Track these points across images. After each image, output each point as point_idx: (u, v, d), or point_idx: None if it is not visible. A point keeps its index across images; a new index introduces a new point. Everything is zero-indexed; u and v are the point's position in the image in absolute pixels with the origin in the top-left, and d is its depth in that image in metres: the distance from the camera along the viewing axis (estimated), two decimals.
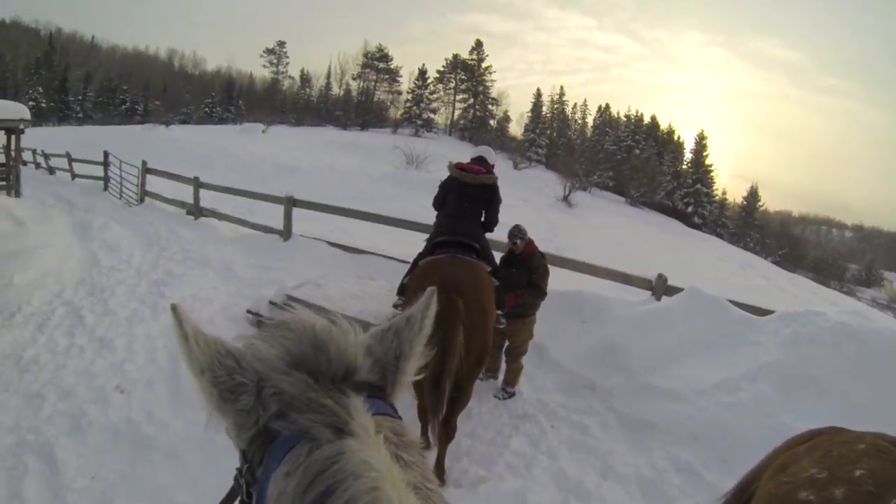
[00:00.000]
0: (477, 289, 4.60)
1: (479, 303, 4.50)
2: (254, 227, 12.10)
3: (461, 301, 4.22)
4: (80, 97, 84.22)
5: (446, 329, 4.09)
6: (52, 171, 24.68)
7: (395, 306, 5.89)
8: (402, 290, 5.75)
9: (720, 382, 5.17)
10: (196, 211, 13.58)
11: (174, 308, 0.98)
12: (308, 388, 0.86)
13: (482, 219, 5.71)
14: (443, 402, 4.12)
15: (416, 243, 6.75)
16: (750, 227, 68.18)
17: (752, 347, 5.51)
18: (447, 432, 4.41)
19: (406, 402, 5.49)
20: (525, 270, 5.97)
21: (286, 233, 11.07)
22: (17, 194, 14.83)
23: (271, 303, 6.89)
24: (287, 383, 0.87)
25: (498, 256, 5.88)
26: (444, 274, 4.58)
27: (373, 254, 9.80)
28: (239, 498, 0.94)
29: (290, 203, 11.00)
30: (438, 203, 5.84)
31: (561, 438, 5.16)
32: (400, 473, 0.77)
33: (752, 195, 71.33)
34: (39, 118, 65.05)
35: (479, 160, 5.88)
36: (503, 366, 6.17)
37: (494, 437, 5.14)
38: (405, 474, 0.79)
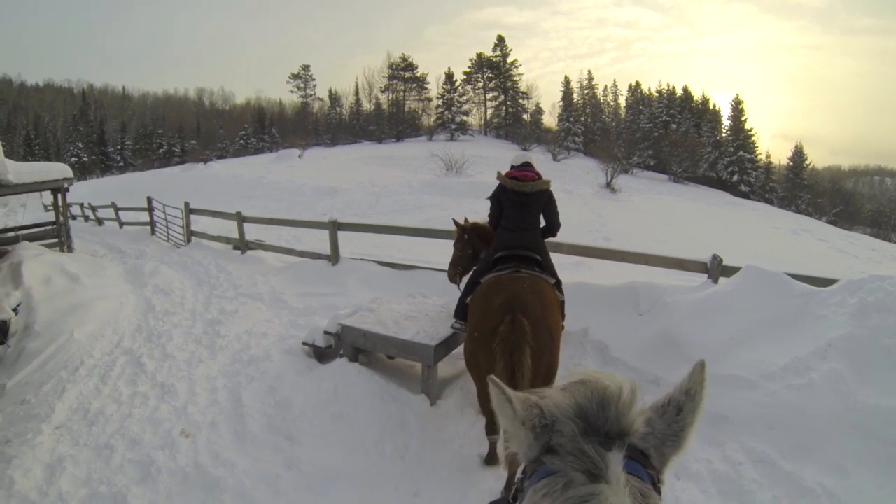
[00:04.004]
0: (543, 307, 4.45)
1: (545, 321, 4.33)
2: (301, 254, 12.19)
3: (527, 322, 4.11)
4: (118, 147, 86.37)
5: (513, 352, 4.02)
6: (100, 221, 25.39)
7: (453, 328, 5.83)
8: (459, 313, 5.63)
9: (789, 364, 4.93)
10: (242, 245, 13.76)
11: (492, 380, 1.21)
12: (577, 435, 1.04)
13: (541, 226, 5.59)
14: None
15: None
16: (799, 188, 65.85)
17: (819, 322, 5.25)
18: None
19: (472, 418, 5.46)
20: None
21: (334, 257, 11.10)
22: (70, 249, 15.24)
23: (326, 333, 6.89)
24: (567, 427, 1.06)
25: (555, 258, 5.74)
26: (509, 293, 4.45)
27: (423, 268, 9.80)
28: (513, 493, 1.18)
29: (335, 227, 11.01)
30: (495, 218, 5.65)
31: None
32: None
33: (798, 154, 68.74)
34: (83, 172, 67.27)
35: (527, 166, 5.67)
36: None
37: None
38: None
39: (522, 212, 5.37)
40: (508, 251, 5.14)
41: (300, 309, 9.27)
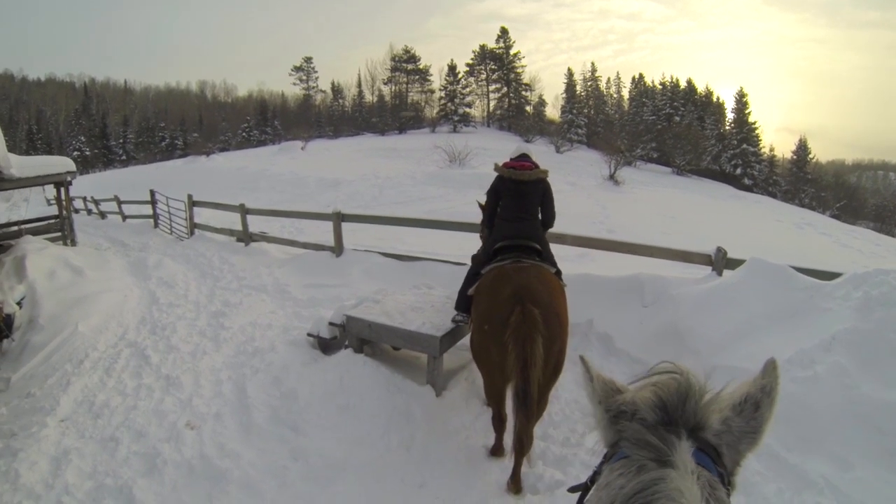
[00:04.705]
0: (551, 296, 4.40)
1: (554, 309, 4.30)
2: (304, 246, 12.19)
3: (538, 311, 4.08)
4: (121, 140, 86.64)
5: (525, 342, 3.98)
6: (103, 215, 25.40)
7: (455, 321, 5.78)
8: (461, 305, 5.61)
9: (793, 357, 4.89)
10: (245, 237, 13.78)
11: (582, 358, 1.37)
12: (654, 424, 1.11)
13: (539, 217, 5.51)
14: (532, 413, 4.01)
15: (469, 243, 6.67)
16: (803, 181, 65.43)
17: (823, 315, 5.23)
18: (525, 444, 4.16)
19: (478, 409, 5.45)
20: None
21: (338, 248, 11.06)
22: (73, 243, 15.28)
23: (331, 324, 6.88)
24: (645, 416, 1.14)
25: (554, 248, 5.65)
26: (516, 283, 4.41)
27: (427, 259, 9.76)
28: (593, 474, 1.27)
29: (339, 218, 10.96)
30: (491, 208, 5.60)
31: None
32: None
33: (802, 148, 68.36)
34: (85, 166, 67.41)
35: (524, 157, 5.58)
36: None
37: (568, 437, 5.02)
38: None
39: (521, 201, 5.31)
40: (508, 241, 5.10)
41: (304, 300, 9.27)
